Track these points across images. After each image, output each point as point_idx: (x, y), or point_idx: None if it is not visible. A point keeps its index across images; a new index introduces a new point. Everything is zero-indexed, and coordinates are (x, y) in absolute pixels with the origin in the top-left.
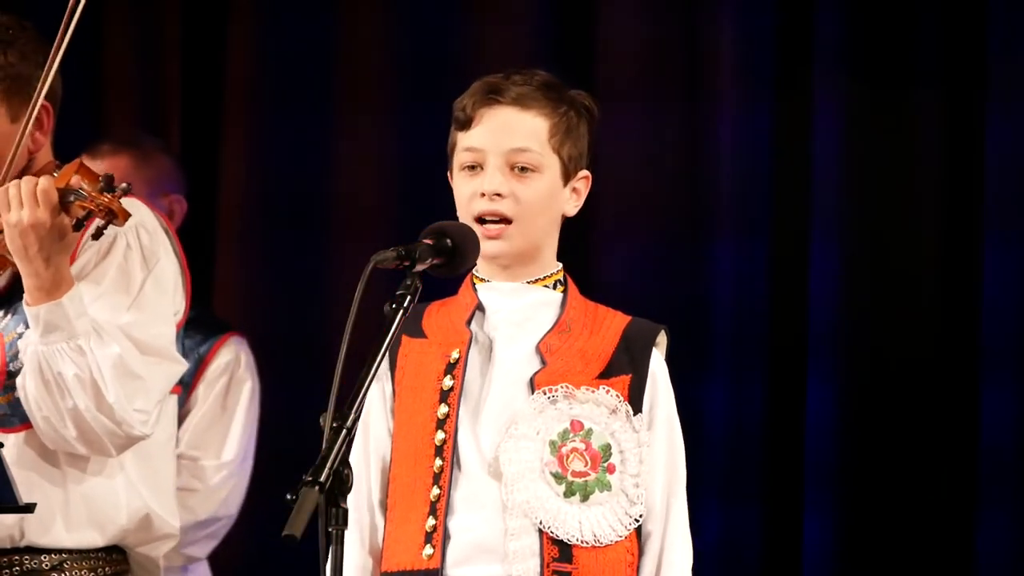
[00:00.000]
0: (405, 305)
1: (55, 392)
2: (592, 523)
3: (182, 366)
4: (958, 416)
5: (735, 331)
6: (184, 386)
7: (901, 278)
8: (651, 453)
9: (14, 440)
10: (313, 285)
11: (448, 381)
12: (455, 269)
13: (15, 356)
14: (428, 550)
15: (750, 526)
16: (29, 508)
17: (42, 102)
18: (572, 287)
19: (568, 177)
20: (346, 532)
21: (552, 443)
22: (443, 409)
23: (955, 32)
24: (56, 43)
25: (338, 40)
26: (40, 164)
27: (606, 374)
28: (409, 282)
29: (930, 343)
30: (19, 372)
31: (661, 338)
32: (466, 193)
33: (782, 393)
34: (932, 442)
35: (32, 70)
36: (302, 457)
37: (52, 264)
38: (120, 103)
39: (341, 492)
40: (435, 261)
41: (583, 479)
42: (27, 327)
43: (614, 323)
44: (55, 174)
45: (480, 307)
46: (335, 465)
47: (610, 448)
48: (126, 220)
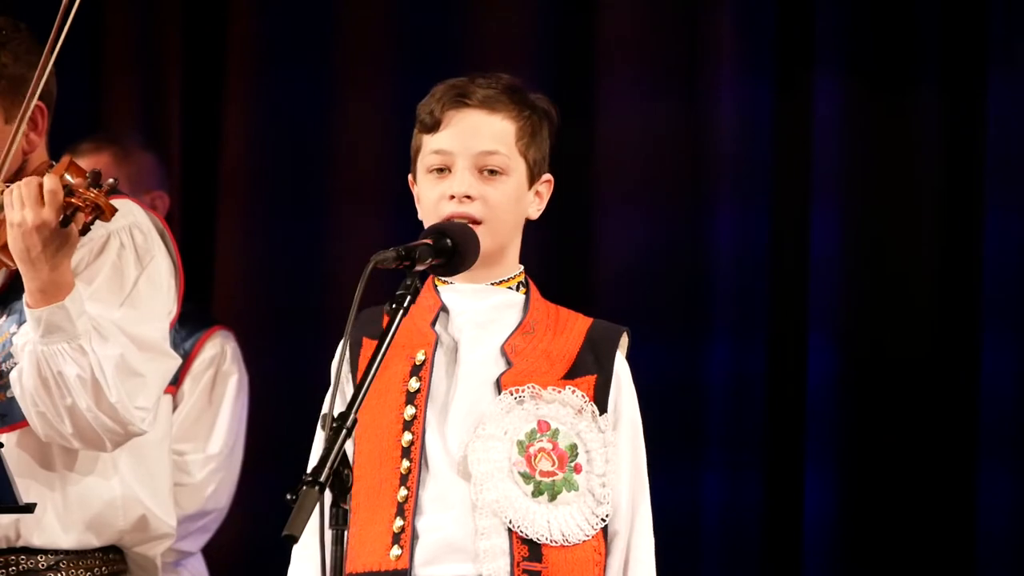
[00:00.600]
0: (405, 305)
1: (54, 390)
2: (560, 522)
3: (177, 361)
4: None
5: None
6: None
7: (900, 280)
8: (616, 453)
9: (6, 440)
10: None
11: (415, 383)
12: (455, 269)
13: (8, 356)
14: (396, 551)
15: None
16: (29, 508)
17: (36, 102)
18: (534, 289)
19: (533, 180)
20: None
21: (520, 443)
22: (410, 411)
23: (955, 32)
24: (49, 43)
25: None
26: (34, 165)
27: (571, 374)
28: (409, 282)
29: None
30: (13, 370)
31: (624, 340)
32: (433, 196)
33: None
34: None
35: (25, 71)
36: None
37: (55, 266)
38: (120, 103)
39: (341, 492)
40: (435, 261)
41: (551, 479)
42: (19, 326)
43: (577, 324)
44: (47, 173)
45: (444, 308)
46: (335, 465)
47: (576, 448)
48: (112, 215)
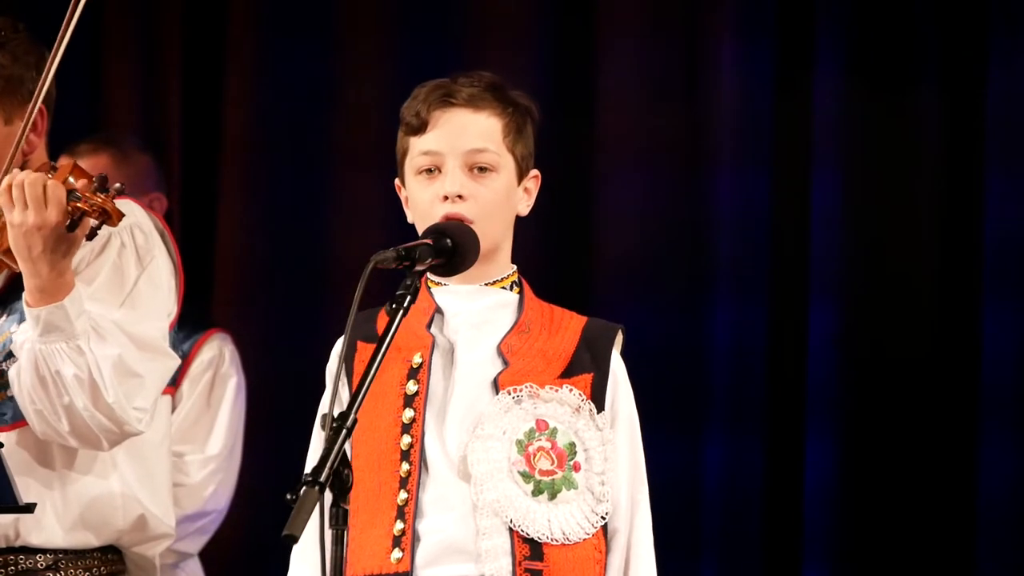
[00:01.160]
0: (405, 305)
1: (51, 389)
2: (560, 521)
3: (176, 361)
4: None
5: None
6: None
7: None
8: (614, 451)
9: (6, 439)
10: (312, 299)
11: (412, 386)
12: (455, 269)
13: (9, 355)
14: (397, 554)
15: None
16: (29, 508)
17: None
18: (527, 288)
19: (521, 176)
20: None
21: (519, 442)
22: (409, 413)
23: (955, 33)
24: (56, 45)
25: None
26: (34, 166)
27: (568, 373)
28: (409, 282)
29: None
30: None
31: (619, 338)
32: (426, 198)
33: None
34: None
35: (24, 71)
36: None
37: (56, 266)
38: (120, 103)
39: (341, 492)
40: (435, 261)
41: (550, 478)
42: (19, 325)
43: (572, 323)
44: (49, 175)
45: (439, 310)
46: (335, 465)
47: (575, 446)
48: (120, 220)
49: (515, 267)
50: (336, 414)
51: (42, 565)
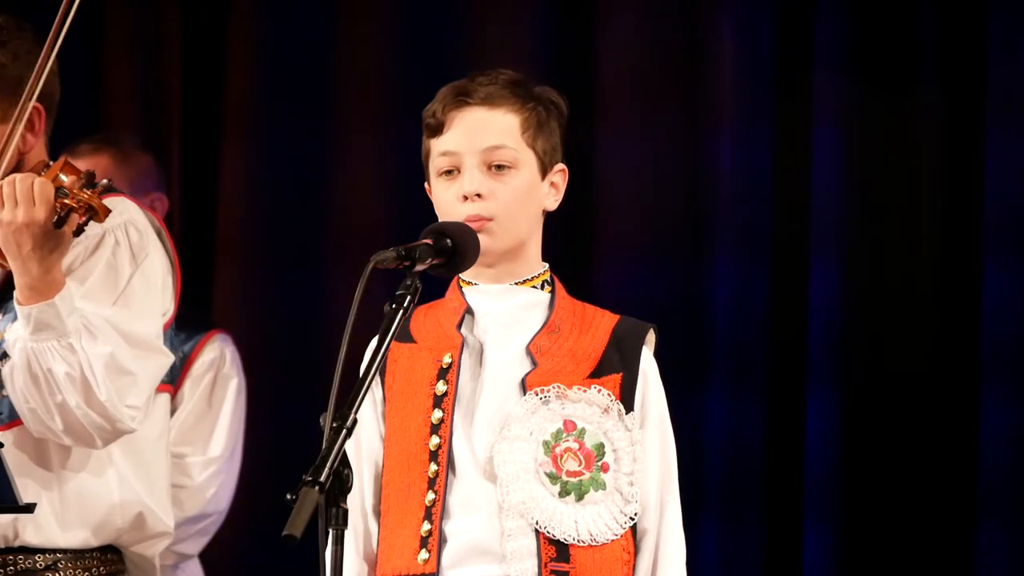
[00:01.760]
0: (405, 305)
1: (43, 387)
2: (588, 522)
3: (169, 358)
4: (957, 428)
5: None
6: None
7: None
8: (644, 451)
9: (3, 438)
10: (312, 299)
11: (441, 386)
12: (455, 269)
13: (4, 355)
14: (424, 555)
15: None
16: (29, 508)
17: (33, 104)
18: (559, 287)
19: (545, 171)
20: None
21: (546, 443)
22: (437, 414)
23: (955, 32)
24: (47, 45)
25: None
26: (31, 165)
27: (597, 373)
28: (409, 282)
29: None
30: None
31: (650, 336)
32: (448, 199)
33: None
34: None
35: (24, 71)
36: (297, 455)
37: (45, 264)
38: (120, 103)
39: (341, 492)
40: (435, 261)
41: (577, 479)
42: (13, 324)
43: (603, 322)
44: (42, 173)
45: (469, 310)
46: (335, 465)
47: (603, 447)
48: (106, 216)
49: (547, 265)
50: (335, 414)
51: (41, 565)
